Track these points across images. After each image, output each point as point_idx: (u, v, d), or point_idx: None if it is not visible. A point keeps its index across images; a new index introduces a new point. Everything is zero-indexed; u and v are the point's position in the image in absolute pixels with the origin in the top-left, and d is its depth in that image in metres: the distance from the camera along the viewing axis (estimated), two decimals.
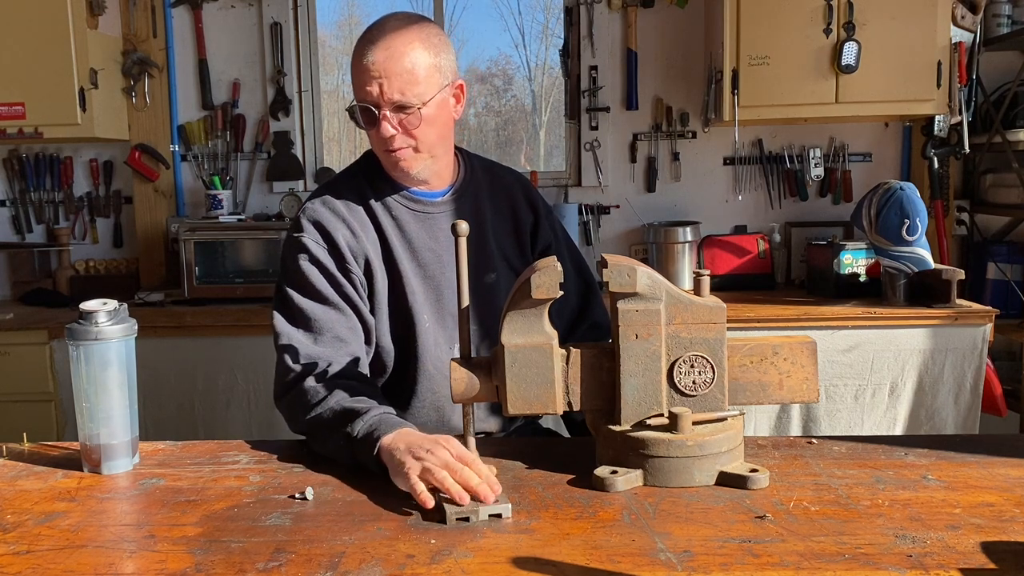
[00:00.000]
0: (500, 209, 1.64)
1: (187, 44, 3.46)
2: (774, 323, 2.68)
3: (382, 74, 1.40)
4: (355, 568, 0.94)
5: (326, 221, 1.49)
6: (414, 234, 1.54)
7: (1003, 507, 1.08)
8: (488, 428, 1.60)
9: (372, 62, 1.40)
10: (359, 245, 1.49)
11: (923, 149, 3.29)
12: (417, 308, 1.52)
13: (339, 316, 1.45)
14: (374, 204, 1.53)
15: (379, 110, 1.43)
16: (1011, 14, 3.21)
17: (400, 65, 1.40)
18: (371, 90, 1.41)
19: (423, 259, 1.54)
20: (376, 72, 1.40)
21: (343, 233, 1.48)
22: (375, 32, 1.43)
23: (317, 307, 1.45)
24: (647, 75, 3.43)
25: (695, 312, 1.19)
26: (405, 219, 1.54)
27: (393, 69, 1.40)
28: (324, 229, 1.48)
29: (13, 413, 2.80)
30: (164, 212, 3.44)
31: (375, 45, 1.41)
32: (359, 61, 1.42)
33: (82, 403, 1.27)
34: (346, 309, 1.46)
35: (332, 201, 1.52)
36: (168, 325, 2.80)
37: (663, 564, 0.94)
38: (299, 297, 1.46)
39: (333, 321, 1.44)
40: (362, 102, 1.44)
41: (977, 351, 2.63)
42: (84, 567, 0.96)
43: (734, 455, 1.20)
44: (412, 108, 1.43)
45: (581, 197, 3.49)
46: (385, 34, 1.42)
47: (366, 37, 1.44)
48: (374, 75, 1.41)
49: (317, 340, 1.43)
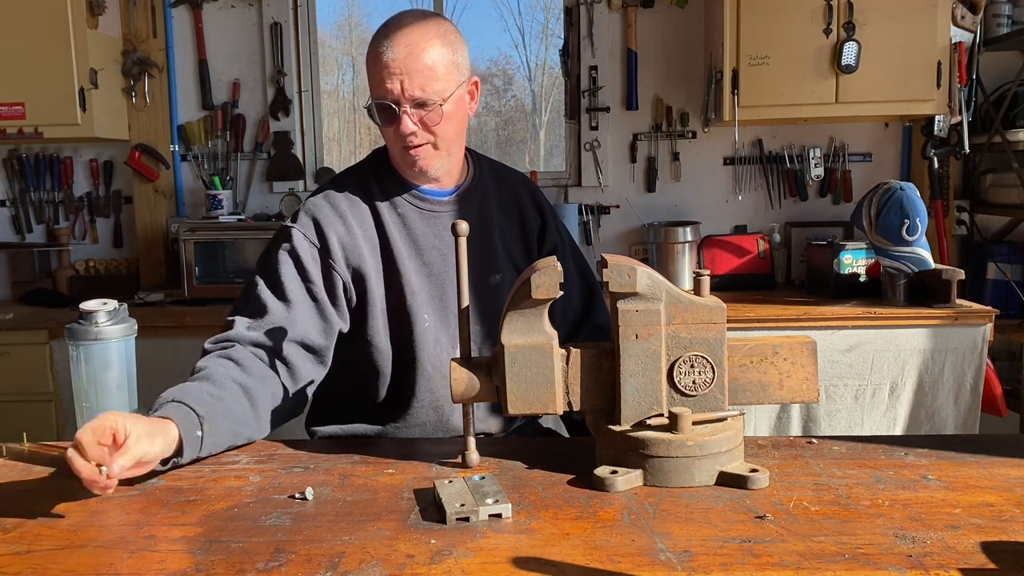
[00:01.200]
0: (506, 210, 1.64)
1: (187, 44, 3.46)
2: (774, 323, 2.69)
3: (402, 71, 1.39)
4: (355, 568, 0.94)
5: (323, 218, 1.49)
6: (419, 232, 1.54)
7: (1003, 507, 1.08)
8: (488, 428, 1.60)
9: (392, 59, 1.39)
10: (354, 243, 1.49)
11: (923, 149, 3.29)
12: (417, 308, 1.52)
13: (288, 316, 1.44)
14: (379, 202, 1.53)
15: (399, 107, 1.42)
16: (1011, 14, 3.21)
17: (420, 61, 1.40)
18: (391, 87, 1.40)
19: (428, 258, 1.54)
20: (396, 69, 1.39)
21: (338, 231, 1.48)
22: (392, 29, 1.42)
23: (272, 300, 1.44)
24: (647, 75, 3.43)
25: (695, 312, 1.19)
26: (411, 217, 1.54)
27: (413, 66, 1.39)
28: (319, 225, 1.48)
29: (13, 413, 2.80)
30: (164, 212, 3.45)
31: (394, 42, 1.40)
32: (377, 58, 1.41)
33: (82, 403, 1.27)
34: (304, 310, 1.45)
35: (335, 197, 1.52)
36: (168, 325, 2.80)
37: (663, 564, 0.94)
38: (261, 284, 1.46)
39: (280, 320, 1.43)
40: (381, 99, 1.43)
41: (977, 351, 2.63)
42: (84, 567, 0.96)
43: (734, 455, 1.19)
44: (432, 104, 1.42)
45: (581, 197, 3.49)
46: (403, 31, 1.41)
47: (383, 33, 1.42)
48: (394, 72, 1.39)
49: (250, 327, 1.42)
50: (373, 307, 1.51)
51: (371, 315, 1.51)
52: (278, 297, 1.45)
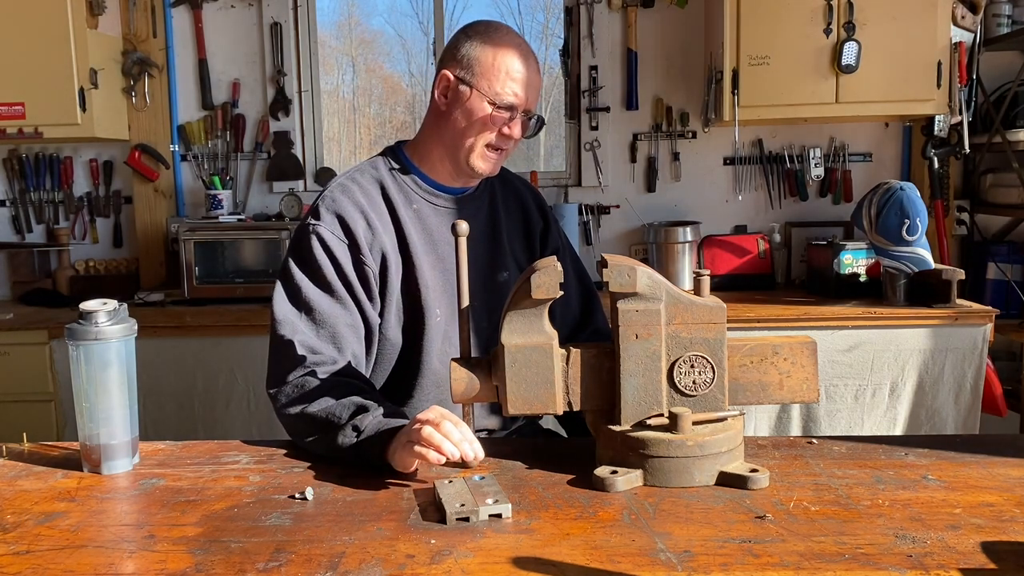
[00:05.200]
0: (511, 211, 1.69)
1: (187, 44, 3.46)
2: (774, 323, 2.68)
3: (531, 84, 1.54)
4: (355, 568, 0.94)
5: (346, 213, 1.49)
6: (434, 227, 1.56)
7: (1003, 507, 1.08)
8: (488, 428, 1.60)
9: (529, 70, 1.54)
10: (376, 238, 1.50)
11: (923, 149, 3.29)
12: (430, 302, 1.53)
13: (343, 312, 1.45)
14: (395, 197, 1.55)
15: (517, 113, 1.54)
16: (1011, 14, 3.21)
17: (539, 80, 1.57)
18: (522, 95, 1.53)
19: (442, 252, 1.56)
20: (528, 81, 1.53)
21: (361, 225, 1.49)
22: (518, 43, 1.55)
23: (324, 299, 1.45)
24: (647, 75, 3.43)
25: (695, 312, 1.19)
26: (426, 213, 1.57)
27: (536, 83, 1.56)
28: (344, 222, 1.48)
29: (13, 413, 2.80)
30: (164, 212, 3.45)
31: (525, 56, 1.54)
32: (512, 65, 1.52)
33: (82, 403, 1.27)
34: (350, 306, 1.46)
35: (353, 191, 1.52)
36: (168, 325, 2.80)
37: (663, 564, 0.94)
38: (308, 285, 1.45)
39: (337, 316, 1.44)
40: (510, 102, 1.52)
41: (977, 351, 2.63)
42: (84, 567, 0.96)
43: (734, 455, 1.19)
44: (534, 116, 1.58)
45: (581, 197, 3.49)
46: (527, 49, 1.56)
47: (512, 44, 1.53)
48: (529, 83, 1.54)
49: (319, 333, 1.43)
50: (390, 299, 1.52)
51: (387, 307, 1.52)
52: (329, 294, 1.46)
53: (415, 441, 1.17)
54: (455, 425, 1.20)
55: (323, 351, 1.41)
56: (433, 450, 1.16)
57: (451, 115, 1.54)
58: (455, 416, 1.22)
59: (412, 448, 1.17)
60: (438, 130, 1.57)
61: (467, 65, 1.53)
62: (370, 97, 4.06)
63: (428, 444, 1.16)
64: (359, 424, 1.27)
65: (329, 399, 1.33)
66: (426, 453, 1.16)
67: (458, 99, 1.53)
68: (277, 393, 1.40)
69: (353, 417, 1.29)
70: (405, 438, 1.20)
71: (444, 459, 1.16)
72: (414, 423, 1.20)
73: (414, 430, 1.18)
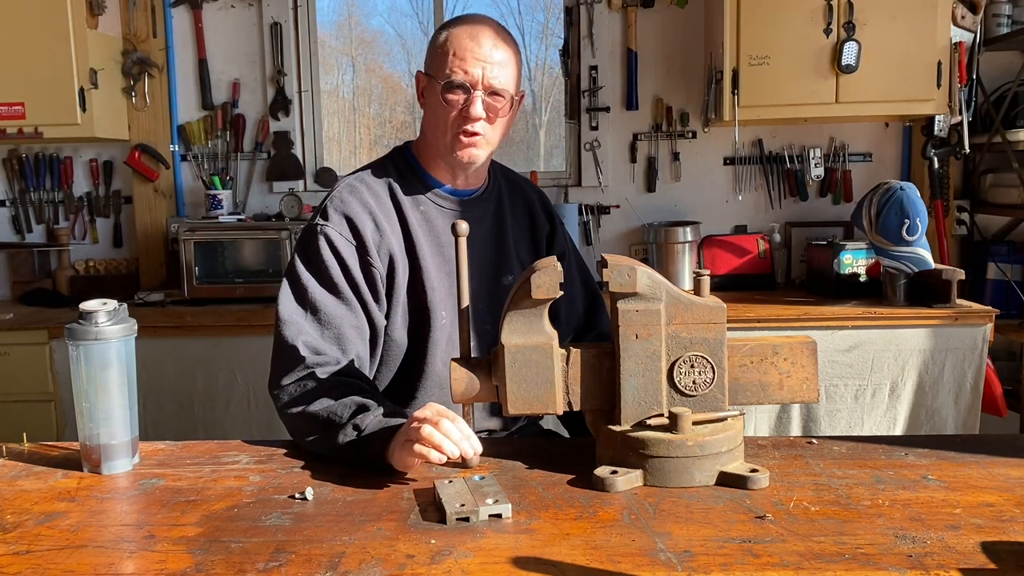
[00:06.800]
0: (518, 215, 1.68)
1: (187, 44, 3.46)
2: (774, 323, 2.68)
3: (486, 59, 1.47)
4: (355, 568, 0.94)
5: (355, 215, 1.49)
6: (441, 229, 1.56)
7: (1003, 507, 1.08)
8: (488, 428, 1.60)
9: (479, 46, 1.48)
10: (383, 240, 1.50)
11: (923, 149, 3.29)
12: (436, 304, 1.52)
13: (349, 313, 1.45)
14: (402, 198, 1.55)
15: (473, 90, 1.48)
16: (1011, 14, 3.21)
17: (502, 55, 1.49)
18: (473, 71, 1.47)
19: (448, 255, 1.55)
20: (481, 56, 1.47)
21: (370, 227, 1.49)
22: (476, 22, 1.51)
23: (330, 300, 1.45)
24: (647, 75, 3.43)
25: (695, 312, 1.19)
26: (433, 215, 1.56)
27: (496, 57, 1.48)
28: (352, 223, 1.48)
29: (13, 413, 2.80)
30: (164, 212, 3.44)
31: (480, 32, 1.49)
32: (463, 42, 1.48)
33: (82, 403, 1.27)
34: (356, 308, 1.46)
35: (362, 192, 1.52)
36: (168, 325, 2.80)
37: (663, 564, 0.94)
38: (315, 286, 1.45)
39: (342, 317, 1.44)
40: (458, 80, 1.47)
41: (977, 351, 2.63)
42: (84, 567, 0.96)
43: (734, 455, 1.19)
44: (502, 95, 1.49)
45: (581, 197, 3.49)
46: (487, 26, 1.51)
47: (467, 22, 1.50)
48: (478, 58, 1.47)
49: (323, 334, 1.42)
50: (396, 300, 1.52)
51: (393, 309, 1.52)
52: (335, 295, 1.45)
53: (415, 440, 1.17)
54: (453, 422, 1.20)
55: (327, 352, 1.40)
56: (434, 449, 1.16)
57: (426, 111, 1.55)
58: (452, 412, 1.23)
59: (412, 447, 1.17)
60: (425, 129, 1.58)
61: (427, 57, 1.54)
62: (370, 97, 4.06)
63: (428, 443, 1.16)
64: (360, 423, 1.27)
65: (330, 398, 1.33)
66: (427, 453, 1.16)
67: (426, 93, 1.54)
68: (279, 393, 1.40)
69: (354, 416, 1.29)
70: (404, 437, 1.20)
71: (445, 458, 1.16)
72: (412, 422, 1.20)
73: (413, 429, 1.19)
